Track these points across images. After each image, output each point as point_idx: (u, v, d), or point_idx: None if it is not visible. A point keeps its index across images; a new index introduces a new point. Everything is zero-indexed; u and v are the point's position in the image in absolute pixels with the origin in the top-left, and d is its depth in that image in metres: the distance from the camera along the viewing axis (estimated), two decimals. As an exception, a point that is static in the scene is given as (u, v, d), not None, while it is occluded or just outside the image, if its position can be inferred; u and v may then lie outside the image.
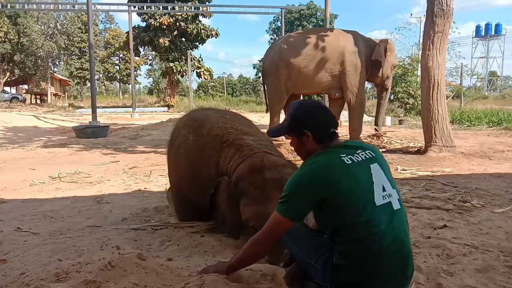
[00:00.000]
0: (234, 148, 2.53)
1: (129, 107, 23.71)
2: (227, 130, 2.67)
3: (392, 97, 17.86)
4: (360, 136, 8.19)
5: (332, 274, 1.51)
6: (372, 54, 7.91)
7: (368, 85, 9.97)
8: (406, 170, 5.29)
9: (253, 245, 1.62)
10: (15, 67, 35.17)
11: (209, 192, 2.49)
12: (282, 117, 8.57)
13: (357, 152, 1.54)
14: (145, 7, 22.21)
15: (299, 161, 1.84)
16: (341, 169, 1.48)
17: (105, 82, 50.83)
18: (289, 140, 1.73)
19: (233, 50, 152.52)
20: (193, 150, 2.74)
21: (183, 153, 2.81)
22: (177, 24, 25.09)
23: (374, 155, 1.56)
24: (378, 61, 7.83)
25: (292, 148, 1.73)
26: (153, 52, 34.36)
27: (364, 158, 1.53)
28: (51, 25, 32.83)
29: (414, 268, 1.59)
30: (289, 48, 7.92)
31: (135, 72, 37.38)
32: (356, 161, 1.50)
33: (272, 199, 2.08)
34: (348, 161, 1.49)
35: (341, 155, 1.51)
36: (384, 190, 1.49)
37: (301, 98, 8.69)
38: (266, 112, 8.78)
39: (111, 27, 48.80)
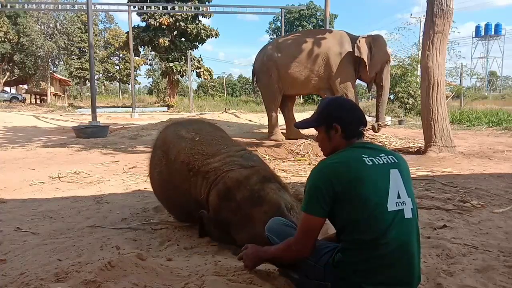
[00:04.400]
0: (200, 177, 2.55)
1: (129, 107, 23.73)
2: (193, 157, 2.64)
3: (392, 97, 17.84)
4: None
5: (334, 271, 1.51)
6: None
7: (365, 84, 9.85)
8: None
9: (288, 247, 1.58)
10: (15, 67, 35.23)
11: (187, 211, 2.70)
12: (281, 117, 8.66)
13: (380, 155, 1.54)
14: (145, 7, 22.22)
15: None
16: (359, 168, 1.47)
17: (105, 82, 50.88)
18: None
19: (233, 50, 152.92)
20: (165, 175, 2.83)
21: (157, 177, 2.93)
22: (177, 24, 25.11)
23: (396, 161, 1.55)
24: (361, 58, 7.71)
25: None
26: (153, 52, 34.32)
27: (385, 162, 1.52)
28: (51, 25, 32.86)
29: (421, 278, 1.58)
30: (277, 50, 8.05)
31: (135, 72, 37.38)
32: (377, 163, 1.50)
33: (252, 217, 2.17)
34: (369, 162, 1.49)
35: (363, 155, 1.51)
36: (398, 197, 1.48)
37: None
38: None
39: (111, 27, 48.90)
